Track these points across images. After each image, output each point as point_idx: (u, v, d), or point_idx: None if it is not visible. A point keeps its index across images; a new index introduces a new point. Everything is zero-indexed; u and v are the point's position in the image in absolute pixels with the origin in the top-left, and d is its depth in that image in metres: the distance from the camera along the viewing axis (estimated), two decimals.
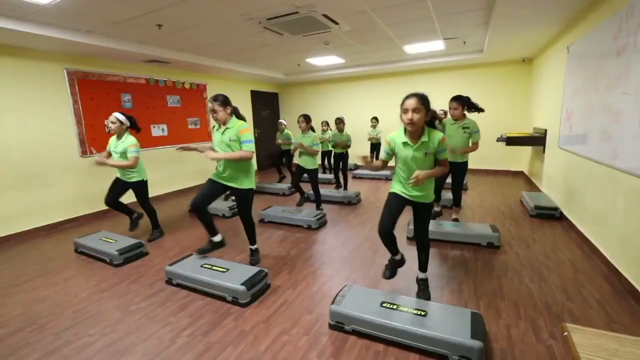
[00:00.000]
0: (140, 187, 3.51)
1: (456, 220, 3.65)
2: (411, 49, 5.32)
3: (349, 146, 5.40)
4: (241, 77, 7.24)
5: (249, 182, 2.77)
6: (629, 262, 2.34)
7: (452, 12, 3.61)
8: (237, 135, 2.62)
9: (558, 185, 4.09)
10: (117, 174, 3.47)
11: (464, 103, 3.34)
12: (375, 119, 6.78)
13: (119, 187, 3.49)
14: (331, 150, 6.02)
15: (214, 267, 2.62)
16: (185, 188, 6.17)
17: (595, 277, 2.50)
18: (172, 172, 5.91)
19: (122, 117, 3.34)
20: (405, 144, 2.04)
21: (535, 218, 3.88)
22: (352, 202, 4.89)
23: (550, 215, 3.83)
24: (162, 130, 5.69)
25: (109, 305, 2.40)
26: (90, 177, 4.61)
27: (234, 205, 4.57)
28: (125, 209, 3.65)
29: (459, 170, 3.52)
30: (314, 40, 4.55)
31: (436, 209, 3.87)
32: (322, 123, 6.13)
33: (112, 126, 3.31)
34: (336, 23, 3.76)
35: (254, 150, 2.66)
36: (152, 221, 3.72)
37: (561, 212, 3.79)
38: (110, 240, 3.31)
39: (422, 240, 2.24)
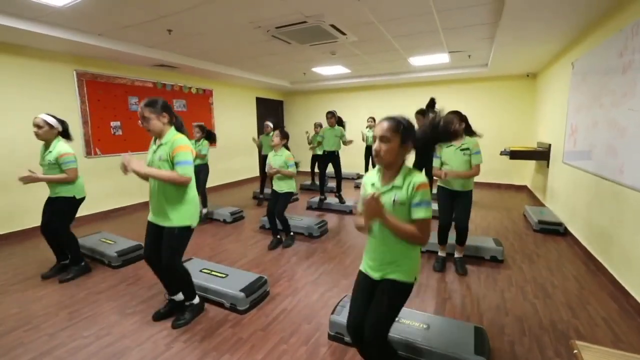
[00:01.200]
0: (65, 205, 2.73)
1: (460, 259, 2.95)
2: (416, 61, 5.37)
3: (346, 142, 5.03)
4: (247, 84, 7.31)
5: (180, 218, 2.02)
6: (636, 281, 2.29)
7: (458, 26, 3.66)
8: (169, 154, 1.95)
9: (562, 201, 4.06)
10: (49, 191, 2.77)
11: (462, 119, 2.71)
12: (373, 119, 6.44)
13: (49, 207, 2.77)
14: (322, 155, 5.16)
15: (213, 272, 2.59)
16: None
17: (601, 295, 2.45)
18: None
19: (52, 120, 2.63)
20: (373, 185, 1.45)
21: (539, 233, 3.84)
22: (353, 212, 4.87)
23: (554, 231, 3.78)
24: None
25: (106, 307, 2.37)
26: (94, 178, 4.60)
27: (235, 210, 4.55)
28: (56, 247, 2.90)
29: (462, 201, 2.84)
30: (320, 50, 4.61)
31: (441, 254, 3.05)
32: (315, 125, 5.97)
33: (40, 132, 2.57)
34: (343, 33, 3.80)
35: (190, 175, 1.97)
36: (71, 253, 2.87)
37: (565, 228, 3.75)
38: (110, 242, 3.30)
39: (373, 340, 1.37)
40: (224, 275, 2.53)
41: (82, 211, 4.46)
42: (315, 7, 3.03)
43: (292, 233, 3.70)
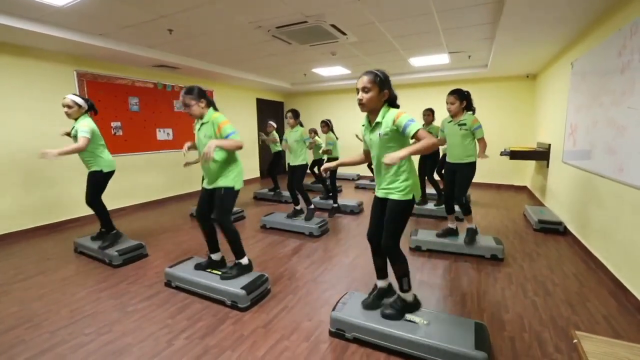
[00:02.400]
0: (94, 178, 3.06)
1: (470, 229, 3.16)
2: (416, 61, 5.39)
3: (327, 152, 4.93)
4: (248, 85, 7.33)
5: (227, 180, 2.43)
6: (635, 278, 2.30)
7: (458, 26, 3.68)
8: (215, 131, 2.33)
9: (562, 200, 4.07)
10: None
11: (463, 98, 2.99)
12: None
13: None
14: (322, 159, 5.66)
15: (214, 271, 2.59)
16: (188, 192, 6.17)
17: (601, 292, 2.46)
18: (175, 176, 5.92)
19: (79, 100, 2.96)
20: (364, 126, 1.87)
21: (539, 232, 3.85)
22: (354, 212, 4.87)
23: (554, 230, 3.79)
24: (168, 134, 5.74)
25: (107, 305, 2.37)
26: None
27: (236, 210, 4.56)
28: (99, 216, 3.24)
29: (459, 175, 3.07)
30: (321, 50, 4.62)
31: (450, 225, 3.30)
32: (309, 131, 5.60)
33: (69, 110, 2.92)
34: (344, 34, 3.82)
35: (241, 140, 2.35)
36: (102, 222, 3.19)
37: (565, 227, 3.76)
38: None
39: (385, 249, 1.86)
40: None
41: (82, 211, 4.52)
42: (316, 6, 3.05)
43: (312, 206, 4.09)
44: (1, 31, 3.29)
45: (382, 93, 1.71)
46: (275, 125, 5.83)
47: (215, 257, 2.67)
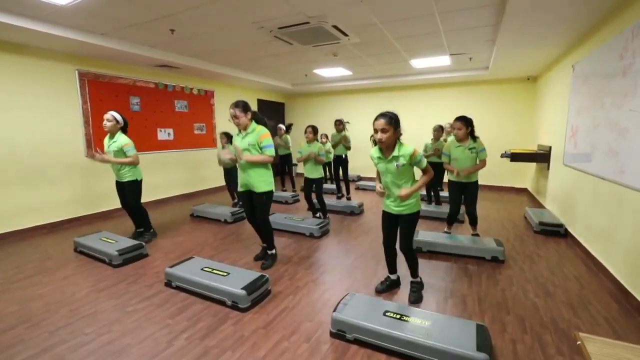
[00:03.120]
0: (133, 187, 3.49)
1: (476, 234, 3.59)
2: (418, 63, 5.40)
3: (348, 148, 5.52)
4: (249, 86, 7.33)
5: (266, 185, 2.84)
6: (636, 280, 2.29)
7: (460, 28, 3.68)
8: (257, 140, 2.75)
9: (562, 202, 4.07)
10: (115, 176, 3.54)
11: (469, 124, 3.29)
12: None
13: (119, 188, 3.55)
14: (331, 162, 5.94)
15: (215, 271, 2.58)
16: (188, 193, 6.17)
17: (602, 294, 2.45)
18: (176, 176, 5.92)
19: (118, 116, 3.37)
20: (379, 158, 2.25)
21: (540, 234, 3.84)
22: (355, 213, 4.87)
23: (555, 232, 3.79)
24: (169, 134, 5.74)
25: (106, 305, 2.36)
26: (94, 178, 4.62)
27: (236, 210, 4.56)
28: (133, 218, 3.72)
29: (470, 190, 3.43)
30: (322, 51, 4.63)
31: (447, 230, 3.76)
32: (321, 136, 5.92)
33: (108, 124, 3.32)
34: (345, 35, 3.83)
35: (274, 154, 2.80)
36: (143, 223, 3.68)
37: (566, 229, 3.76)
38: (111, 241, 3.29)
39: (405, 250, 2.33)
40: (225, 274, 2.53)
41: (84, 210, 4.52)
42: (318, 7, 3.05)
43: (327, 216, 4.49)
44: (2, 29, 3.29)
45: (396, 132, 2.13)
46: (284, 128, 6.21)
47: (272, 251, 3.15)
